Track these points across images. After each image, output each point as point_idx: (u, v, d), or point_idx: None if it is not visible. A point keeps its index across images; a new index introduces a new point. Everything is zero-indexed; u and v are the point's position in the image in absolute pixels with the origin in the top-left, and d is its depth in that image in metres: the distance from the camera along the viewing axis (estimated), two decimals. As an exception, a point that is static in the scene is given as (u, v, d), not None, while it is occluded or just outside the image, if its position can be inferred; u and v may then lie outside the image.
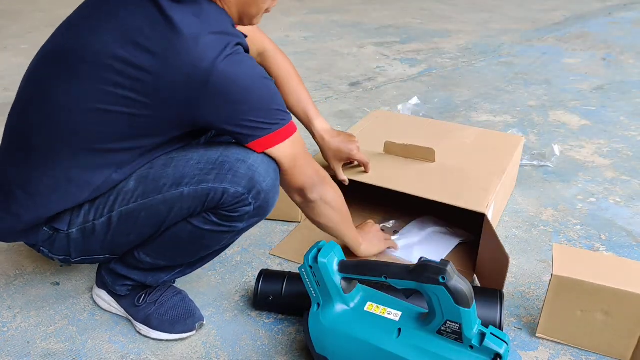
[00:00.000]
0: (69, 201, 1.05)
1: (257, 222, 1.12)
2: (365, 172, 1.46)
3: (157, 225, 1.08)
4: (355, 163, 1.47)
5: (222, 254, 1.42)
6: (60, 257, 1.14)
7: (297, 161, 1.10)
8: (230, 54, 0.95)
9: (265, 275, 1.28)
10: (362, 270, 1.02)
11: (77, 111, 0.98)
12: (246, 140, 1.04)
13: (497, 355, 0.92)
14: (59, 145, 1.02)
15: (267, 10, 1.09)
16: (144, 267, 1.17)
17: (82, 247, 1.11)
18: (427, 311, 1.00)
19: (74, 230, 1.08)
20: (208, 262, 1.24)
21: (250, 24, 1.10)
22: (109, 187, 1.05)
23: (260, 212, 1.09)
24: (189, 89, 0.94)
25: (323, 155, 1.44)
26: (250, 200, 1.04)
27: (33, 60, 1.07)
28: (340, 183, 1.36)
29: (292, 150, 1.08)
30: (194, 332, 1.23)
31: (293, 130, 1.07)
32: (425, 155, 1.51)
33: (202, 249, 1.15)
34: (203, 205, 1.04)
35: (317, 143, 1.43)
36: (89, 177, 1.03)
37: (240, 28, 1.33)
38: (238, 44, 0.98)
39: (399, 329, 1.00)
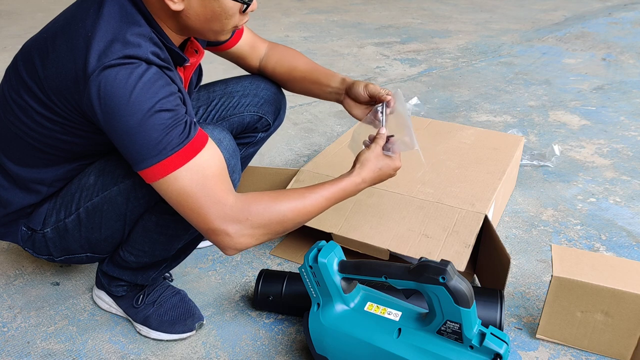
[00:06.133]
0: (26, 197, 1.09)
1: None
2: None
3: (122, 218, 1.08)
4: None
5: (222, 254, 1.42)
6: (45, 257, 1.16)
7: (191, 196, 0.94)
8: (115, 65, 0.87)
9: (266, 275, 1.28)
10: (362, 270, 1.02)
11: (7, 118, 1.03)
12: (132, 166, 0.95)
13: (497, 355, 0.92)
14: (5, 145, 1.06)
15: (235, 26, 1.01)
16: (131, 266, 1.18)
17: (60, 246, 1.13)
18: (427, 311, 1.00)
19: (48, 229, 1.11)
20: (189, 253, 1.24)
21: (216, 39, 1.04)
22: (66, 180, 1.09)
23: None
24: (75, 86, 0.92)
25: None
26: None
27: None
28: None
29: (181, 183, 0.92)
30: (194, 332, 1.23)
31: (179, 162, 0.92)
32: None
33: (173, 240, 1.14)
34: (156, 193, 1.01)
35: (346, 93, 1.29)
36: (37, 173, 1.07)
37: (248, 36, 1.31)
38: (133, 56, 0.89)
39: (399, 329, 1.00)
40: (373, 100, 1.24)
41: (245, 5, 0.97)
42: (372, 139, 1.18)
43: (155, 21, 0.96)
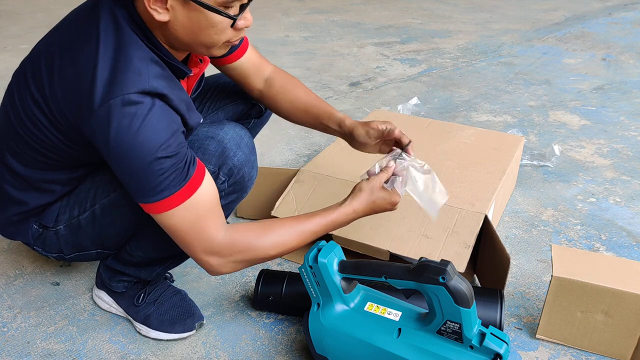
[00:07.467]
0: (41, 197, 1.09)
1: (238, 199, 1.12)
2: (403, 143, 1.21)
3: (140, 210, 1.07)
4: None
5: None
6: (54, 255, 1.17)
7: (184, 231, 0.99)
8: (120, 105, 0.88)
9: (266, 275, 1.28)
10: (362, 270, 1.02)
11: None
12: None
13: (497, 355, 0.92)
14: (12, 147, 1.06)
15: (228, 42, 0.98)
16: (137, 261, 1.18)
17: (72, 243, 1.14)
18: (427, 311, 1.00)
19: (61, 226, 1.12)
20: None
21: (209, 54, 1.01)
22: (80, 179, 1.10)
23: (237, 189, 1.09)
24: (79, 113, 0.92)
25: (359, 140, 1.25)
26: (222, 177, 1.06)
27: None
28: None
29: (175, 220, 0.97)
30: (194, 331, 1.23)
31: (175, 203, 0.95)
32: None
33: None
34: None
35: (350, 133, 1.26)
36: (50, 175, 1.07)
37: (250, 54, 1.28)
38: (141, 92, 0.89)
39: (399, 329, 1.00)
40: (383, 139, 1.22)
41: (232, 21, 0.94)
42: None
43: (154, 36, 0.95)
